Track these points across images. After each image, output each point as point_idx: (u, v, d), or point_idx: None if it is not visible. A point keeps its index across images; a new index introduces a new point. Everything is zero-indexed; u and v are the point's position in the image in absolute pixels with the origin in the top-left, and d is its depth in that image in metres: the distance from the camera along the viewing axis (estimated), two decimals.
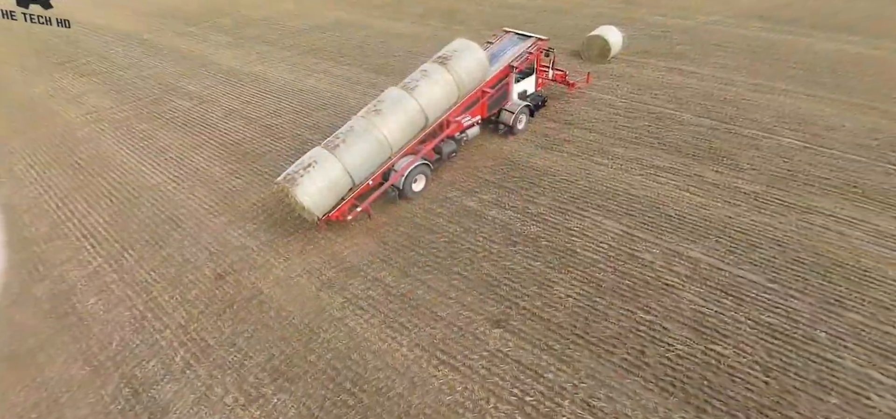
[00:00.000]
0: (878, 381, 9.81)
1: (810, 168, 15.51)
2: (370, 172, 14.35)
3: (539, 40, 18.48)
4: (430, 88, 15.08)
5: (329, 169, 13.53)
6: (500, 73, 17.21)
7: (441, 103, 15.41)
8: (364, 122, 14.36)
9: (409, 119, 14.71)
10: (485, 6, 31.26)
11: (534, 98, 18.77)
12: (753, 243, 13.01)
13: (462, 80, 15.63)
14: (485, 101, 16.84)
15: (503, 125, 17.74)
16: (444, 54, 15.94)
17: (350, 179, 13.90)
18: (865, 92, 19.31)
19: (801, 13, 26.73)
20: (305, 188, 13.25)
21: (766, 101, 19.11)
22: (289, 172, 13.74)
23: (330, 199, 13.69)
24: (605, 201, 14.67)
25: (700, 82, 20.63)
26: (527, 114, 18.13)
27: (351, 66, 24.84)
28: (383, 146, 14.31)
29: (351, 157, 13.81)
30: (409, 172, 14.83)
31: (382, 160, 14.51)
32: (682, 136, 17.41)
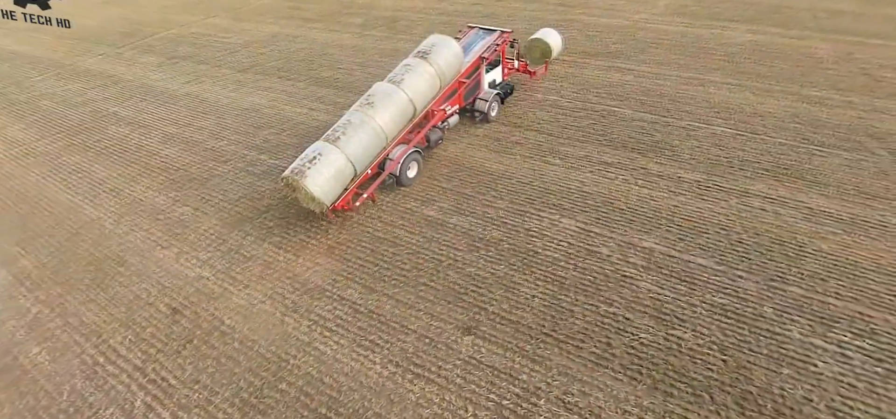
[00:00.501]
0: (823, 349, 10.57)
1: (742, 153, 16.53)
2: (369, 161, 15.17)
3: (503, 33, 19.98)
4: (416, 80, 16.18)
5: (333, 160, 14.12)
6: (472, 64, 18.48)
7: (426, 94, 16.54)
8: (360, 115, 15.18)
9: (400, 110, 15.69)
10: (425, 13, 31.34)
11: (503, 87, 19.99)
12: (700, 229, 13.72)
13: (442, 72, 16.86)
14: (462, 91, 18.20)
15: (479, 113, 18.91)
16: (423, 49, 17.17)
17: (353, 169, 14.54)
18: (782, 79, 20.78)
19: (718, 8, 28.42)
20: (314, 179, 13.72)
21: (697, 92, 20.20)
22: (295, 166, 14.18)
23: (336, 188, 14.24)
24: (559, 200, 15.04)
25: (636, 79, 21.55)
26: (498, 101, 19.42)
27: (295, 80, 24.24)
28: (379, 136, 15.17)
29: (352, 147, 14.49)
30: (405, 160, 15.60)
31: (379, 149, 15.38)
32: (626, 131, 18.12)
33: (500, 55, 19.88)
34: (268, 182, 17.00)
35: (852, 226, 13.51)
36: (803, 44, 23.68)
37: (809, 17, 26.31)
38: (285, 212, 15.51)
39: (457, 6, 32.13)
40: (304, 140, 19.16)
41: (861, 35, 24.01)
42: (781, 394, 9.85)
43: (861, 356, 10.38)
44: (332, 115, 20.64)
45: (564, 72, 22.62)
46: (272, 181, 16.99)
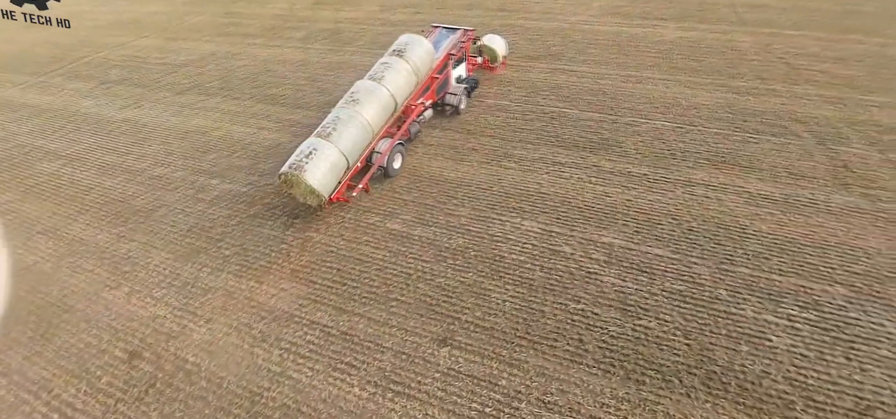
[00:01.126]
0: (774, 323, 11.24)
1: (683, 145, 17.37)
2: (360, 154, 15.93)
3: (466, 31, 21.51)
4: (395, 76, 17.11)
5: (329, 153, 14.83)
6: (442, 60, 19.66)
7: (405, 89, 17.49)
8: (347, 111, 15.88)
9: (383, 104, 16.55)
10: (367, 25, 31.03)
11: (469, 81, 21.13)
12: (653, 221, 14.28)
13: (418, 67, 17.90)
14: (434, 86, 19.25)
15: (450, 107, 20.01)
16: (397, 48, 18.22)
17: (346, 161, 15.24)
18: (711, 72, 22.02)
19: (647, 7, 29.81)
20: (313, 173, 14.41)
21: (636, 89, 21.06)
22: (292, 162, 14.75)
23: (333, 181, 14.91)
24: (519, 203, 15.26)
25: (580, 79, 22.22)
26: (467, 95, 20.59)
27: (240, 99, 23.36)
28: (367, 130, 15.97)
29: (344, 141, 15.23)
30: (392, 152, 16.57)
31: (368, 142, 16.15)
32: (575, 130, 18.63)
33: (465, 52, 21.18)
34: (221, 208, 16.28)
35: (786, 206, 14.47)
36: (727, 37, 25.20)
37: (731, 13, 28.03)
38: (242, 239, 14.90)
39: (398, 16, 32.03)
40: (256, 161, 18.54)
41: (777, 27, 25.83)
42: (742, 370, 10.40)
43: (809, 327, 11.12)
44: (283, 134, 20.07)
45: (511, 76, 23.00)
46: (225, 207, 16.29)
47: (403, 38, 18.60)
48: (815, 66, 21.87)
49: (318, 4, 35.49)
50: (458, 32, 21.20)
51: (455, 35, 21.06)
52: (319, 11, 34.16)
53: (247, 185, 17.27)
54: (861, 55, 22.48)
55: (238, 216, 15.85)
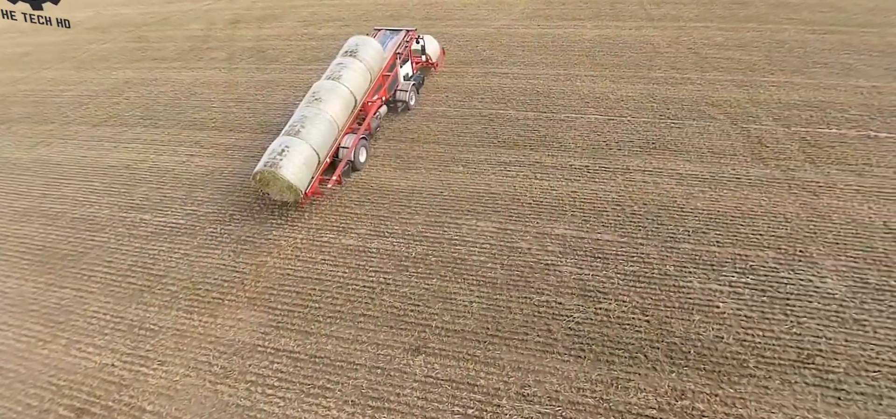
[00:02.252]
0: (719, 291, 12.14)
1: (617, 136, 18.34)
2: (328, 149, 16.32)
3: (408, 32, 22.36)
4: (352, 75, 17.78)
5: (301, 149, 15.24)
6: (390, 60, 20.48)
7: (362, 86, 18.12)
8: (313, 109, 16.37)
9: (344, 102, 17.15)
10: (292, 41, 30.22)
11: (415, 78, 22.09)
12: (599, 209, 14.97)
13: (371, 66, 18.63)
14: (386, 84, 19.90)
15: (401, 103, 20.85)
16: (349, 49, 18.95)
17: (318, 156, 15.69)
18: (631, 66, 23.42)
19: (565, 9, 31.22)
20: (289, 168, 14.75)
21: (567, 87, 22.00)
22: (266, 160, 15.04)
23: (307, 175, 15.28)
24: (472, 205, 15.46)
25: (513, 81, 22.87)
26: (416, 91, 21.67)
27: (164, 128, 21.98)
28: (333, 126, 16.47)
29: (314, 136, 15.68)
30: (357, 146, 17.25)
31: (334, 138, 16.63)
32: (515, 130, 19.15)
33: (409, 51, 22.05)
34: (160, 243, 15.26)
35: (714, 183, 15.67)
36: (640, 33, 26.87)
37: (640, 10, 29.91)
38: (188, 273, 14.06)
39: (324, 30, 31.47)
40: (191, 190, 17.53)
41: (683, 20, 27.89)
42: (698, 337, 11.14)
43: (749, 290, 12.10)
44: (218, 159, 19.14)
45: (446, 82, 23.27)
46: (165, 241, 15.28)
47: (353, 40, 19.36)
48: (721, 54, 23.83)
49: (237, 23, 34.15)
50: (401, 33, 22.06)
51: (399, 35, 21.86)
52: (239, 30, 32.87)
53: (185, 216, 16.30)
54: (758, 41, 24.74)
55: (180, 249, 14.93)
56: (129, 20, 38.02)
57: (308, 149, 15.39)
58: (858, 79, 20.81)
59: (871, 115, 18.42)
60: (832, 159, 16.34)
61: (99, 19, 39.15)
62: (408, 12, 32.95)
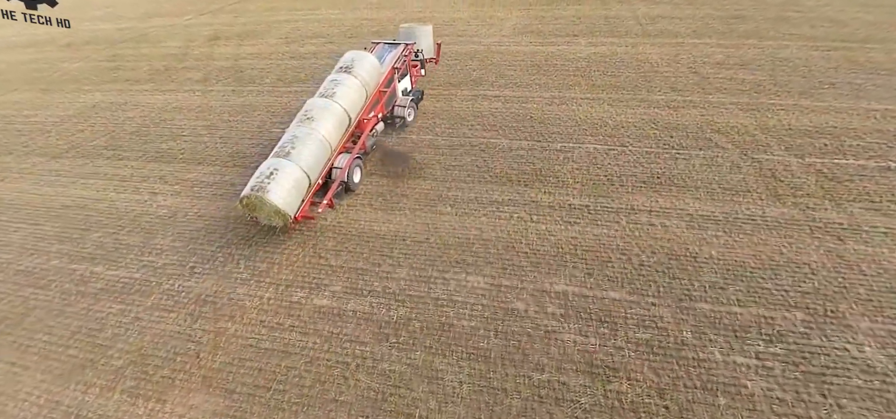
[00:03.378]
0: (745, 365, 10.34)
1: (618, 168, 16.55)
2: (320, 171, 15.36)
3: (408, 45, 21.11)
4: (346, 92, 16.78)
5: (291, 172, 14.22)
6: (388, 74, 19.27)
7: (357, 103, 17.17)
8: (304, 129, 15.36)
9: (338, 120, 16.18)
10: (272, 60, 28.22)
11: (415, 93, 20.90)
12: (602, 259, 13.16)
13: (367, 81, 17.65)
14: (383, 99, 18.76)
15: (399, 119, 19.61)
16: (344, 65, 17.90)
17: (308, 179, 14.68)
18: (629, 87, 21.69)
19: (557, 25, 29.50)
20: (277, 192, 13.72)
21: (562, 112, 20.20)
22: (253, 184, 13.95)
23: (297, 199, 14.31)
24: (461, 255, 13.59)
25: (504, 105, 21.04)
26: (414, 107, 20.46)
27: (127, 160, 19.91)
28: (325, 146, 15.49)
29: (304, 158, 14.67)
30: (351, 166, 16.19)
31: (327, 158, 15.66)
32: (507, 162, 17.30)
33: (408, 64, 20.75)
34: (109, 303, 13.25)
35: (729, 226, 13.90)
36: (636, 51, 25.16)
37: (635, 24, 28.25)
38: (138, 342, 12.06)
39: (307, 47, 29.51)
40: (149, 236, 15.52)
41: (679, 36, 26.23)
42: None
43: (779, 364, 10.31)
44: (182, 197, 17.12)
45: (433, 107, 21.39)
46: (115, 301, 13.27)
47: (349, 55, 18.37)
48: (723, 73, 22.16)
49: (216, 40, 32.08)
50: (400, 47, 20.79)
51: (397, 49, 20.64)
52: (217, 48, 30.80)
53: (141, 268, 14.30)
54: (760, 59, 23.11)
55: (132, 311, 12.94)
56: (105, 36, 35.82)
57: (298, 171, 14.33)
58: (869, 101, 19.19)
59: (888, 143, 16.77)
60: (853, 195, 14.64)
61: (75, 35, 36.87)
62: (395, 29, 31.01)
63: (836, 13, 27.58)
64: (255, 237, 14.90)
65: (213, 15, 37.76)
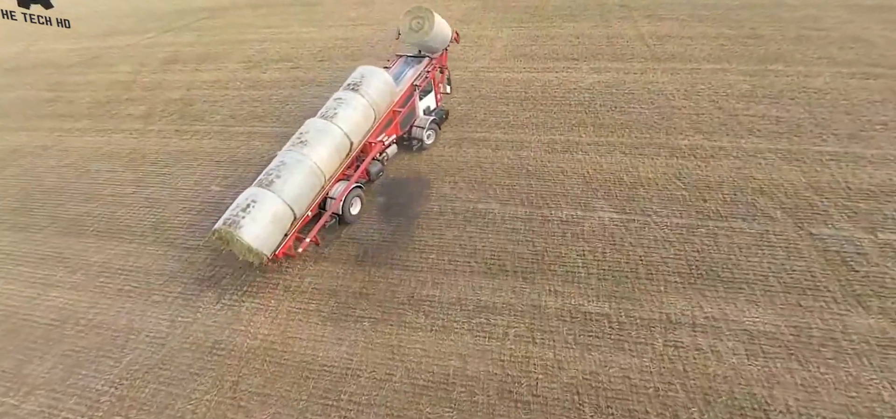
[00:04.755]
0: None
1: (643, 252, 12.30)
2: (309, 203, 13.28)
3: (432, 59, 18.06)
4: (350, 113, 14.56)
5: (270, 205, 12.23)
6: (405, 93, 16.75)
7: (362, 126, 14.91)
8: (294, 154, 13.31)
9: (336, 145, 14.02)
10: (229, 89, 23.71)
11: (437, 112, 18.11)
12: (637, 412, 8.91)
13: (375, 102, 15.28)
14: (397, 120, 16.44)
15: (416, 141, 17.16)
16: (352, 81, 15.51)
17: (292, 213, 12.67)
18: (645, 127, 17.44)
19: (553, 47, 25.17)
20: (249, 229, 11.76)
21: (566, 163, 15.89)
22: (227, 217, 12.10)
23: (275, 234, 12.28)
24: (438, 409, 9.26)
25: (495, 152, 16.71)
26: (435, 128, 17.63)
27: (31, 230, 15.36)
28: (317, 175, 13.38)
29: (289, 189, 12.64)
30: (347, 197, 13.91)
31: (318, 189, 13.52)
32: (499, 240, 12.99)
33: (432, 81, 17.99)
34: None
35: (802, 352, 9.70)
36: (646, 78, 20.89)
37: (641, 46, 23.95)
38: None
39: (271, 74, 24.98)
40: (22, 360, 11.04)
41: (693, 61, 21.98)
42: None
43: None
44: (80, 292, 12.77)
45: (408, 155, 17.02)
46: None
47: (359, 71, 15.85)
48: (752, 109, 17.95)
49: (170, 64, 27.42)
50: (424, 61, 17.88)
51: (420, 64, 17.77)
52: (170, 74, 26.17)
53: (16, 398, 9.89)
54: (791, 90, 18.92)
55: None
56: (55, 60, 30.95)
57: (279, 204, 12.32)
58: None
59: None
60: None
61: (25, 57, 32.05)
62: (371, 51, 26.58)
63: (861, 31, 23.44)
64: (158, 366, 10.53)
65: (177, 33, 33.06)
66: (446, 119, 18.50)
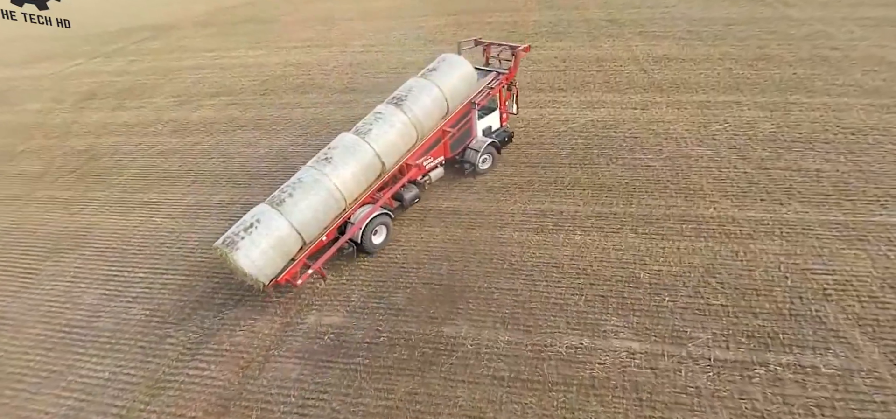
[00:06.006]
0: None
1: (691, 398, 7.99)
2: (322, 228, 11.32)
3: (500, 74, 14.93)
4: (386, 131, 12.28)
5: (274, 228, 10.52)
6: (461, 111, 13.93)
7: (399, 147, 12.56)
8: (313, 173, 11.45)
9: (364, 166, 11.87)
10: (147, 137, 18.76)
11: (499, 134, 15.13)
12: None
13: (419, 121, 12.81)
14: (447, 140, 13.73)
15: (468, 164, 14.36)
16: (398, 96, 13.05)
17: (299, 238, 10.81)
18: (659, 191, 13.15)
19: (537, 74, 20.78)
20: (247, 252, 10.14)
21: (560, 250, 11.46)
22: (228, 234, 10.53)
23: (277, 261, 10.54)
24: None
25: (467, 230, 12.19)
26: (492, 152, 14.67)
27: None
28: (336, 198, 11.36)
29: (299, 212, 10.81)
30: (368, 224, 11.60)
31: (336, 213, 11.52)
32: (474, 401, 8.53)
33: (497, 98, 14.97)
34: None
35: None
36: (650, 115, 16.66)
37: (637, 71, 19.68)
38: None
39: (202, 112, 20.09)
40: None
41: (701, 91, 17.81)
42: None
43: None
44: None
45: (358, 266, 12.46)
46: None
47: (409, 83, 13.51)
48: (785, 157, 13.79)
49: (87, 101, 22.26)
50: (491, 75, 15.01)
51: (485, 78, 14.89)
52: (84, 113, 21.05)
53: None
54: (823, 131, 14.83)
55: None
56: None
57: (285, 227, 10.57)
58: None
59: None
60: None
61: None
62: (324, 81, 21.84)
63: (881, 51, 19.66)
64: None
65: (107, 59, 27.71)
66: (509, 142, 15.47)
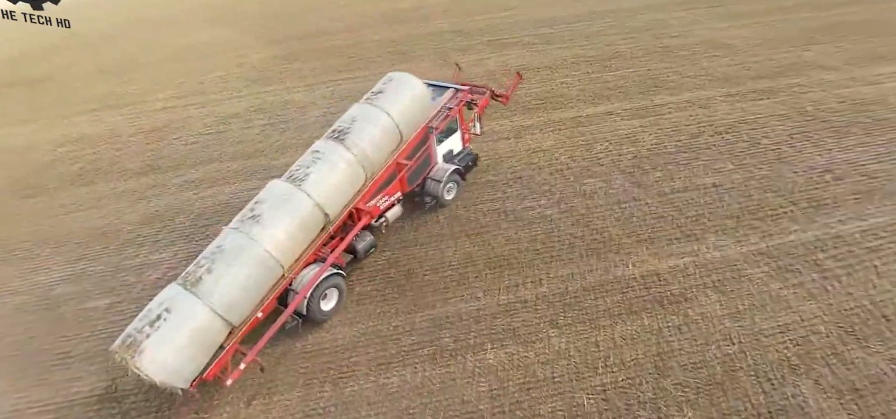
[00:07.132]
0: None
1: None
2: (255, 305, 8.66)
3: (459, 91, 12.30)
4: (327, 175, 9.60)
5: (189, 316, 7.78)
6: (416, 138, 11.34)
7: (345, 191, 9.93)
8: (236, 237, 8.64)
9: (301, 221, 9.16)
10: None
11: (462, 159, 12.52)
12: None
13: (367, 157, 10.14)
14: (403, 174, 11.09)
15: (430, 197, 11.83)
16: (339, 128, 10.40)
17: (225, 323, 8.11)
18: (573, 257, 10.11)
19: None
20: (154, 355, 7.35)
21: None
22: (129, 331, 7.72)
23: (198, 357, 7.81)
24: None
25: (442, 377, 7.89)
26: (457, 180, 12.12)
27: None
28: (269, 266, 8.65)
29: (221, 291, 8.07)
30: (315, 290, 9.03)
31: (271, 284, 8.84)
32: None
33: (457, 118, 12.14)
34: None
35: None
36: (529, 144, 13.89)
37: (496, 86, 16.54)
38: None
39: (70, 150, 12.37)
40: None
41: (570, 103, 15.52)
42: None
43: None
44: None
45: None
46: None
47: (352, 111, 10.63)
48: (678, 177, 11.71)
49: None
50: (448, 93, 12.23)
51: (441, 97, 12.12)
52: None
53: None
54: (699, 133, 13.31)
55: None
56: None
57: (204, 314, 7.77)
58: None
59: None
60: None
61: None
62: (114, 160, 15.33)
63: (712, 33, 20.05)
64: None
65: None
66: (474, 166, 12.96)
